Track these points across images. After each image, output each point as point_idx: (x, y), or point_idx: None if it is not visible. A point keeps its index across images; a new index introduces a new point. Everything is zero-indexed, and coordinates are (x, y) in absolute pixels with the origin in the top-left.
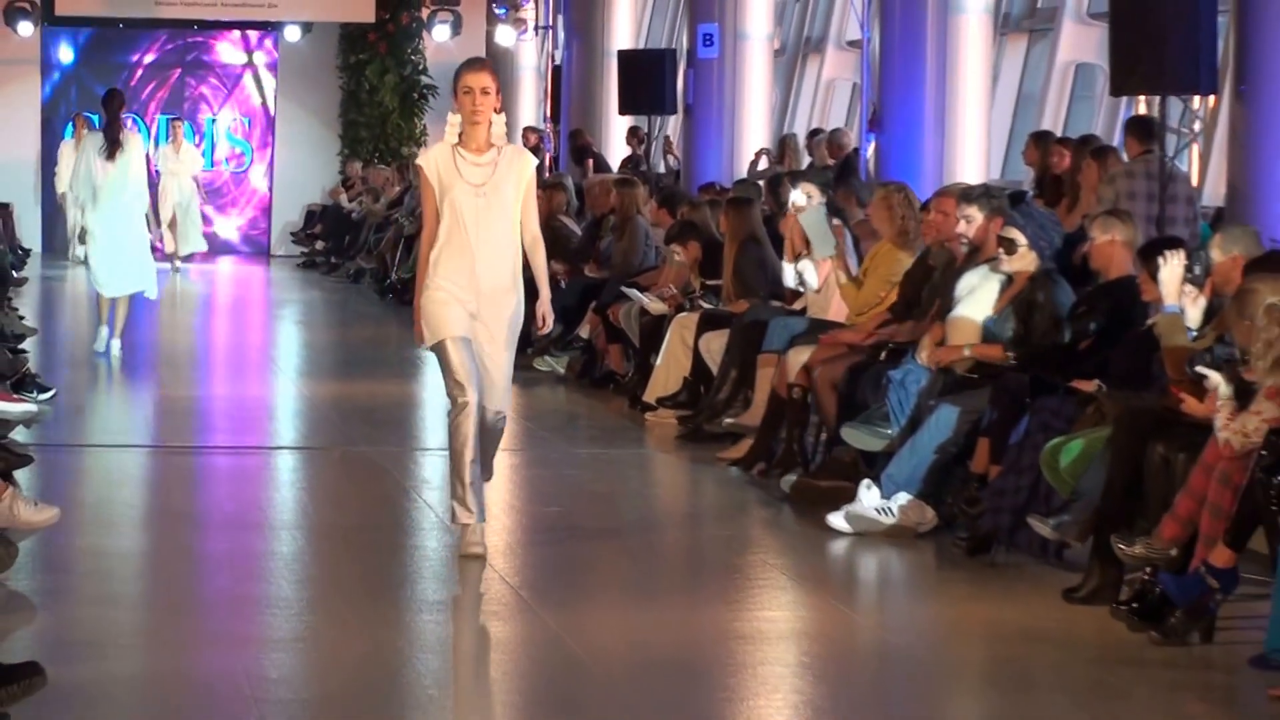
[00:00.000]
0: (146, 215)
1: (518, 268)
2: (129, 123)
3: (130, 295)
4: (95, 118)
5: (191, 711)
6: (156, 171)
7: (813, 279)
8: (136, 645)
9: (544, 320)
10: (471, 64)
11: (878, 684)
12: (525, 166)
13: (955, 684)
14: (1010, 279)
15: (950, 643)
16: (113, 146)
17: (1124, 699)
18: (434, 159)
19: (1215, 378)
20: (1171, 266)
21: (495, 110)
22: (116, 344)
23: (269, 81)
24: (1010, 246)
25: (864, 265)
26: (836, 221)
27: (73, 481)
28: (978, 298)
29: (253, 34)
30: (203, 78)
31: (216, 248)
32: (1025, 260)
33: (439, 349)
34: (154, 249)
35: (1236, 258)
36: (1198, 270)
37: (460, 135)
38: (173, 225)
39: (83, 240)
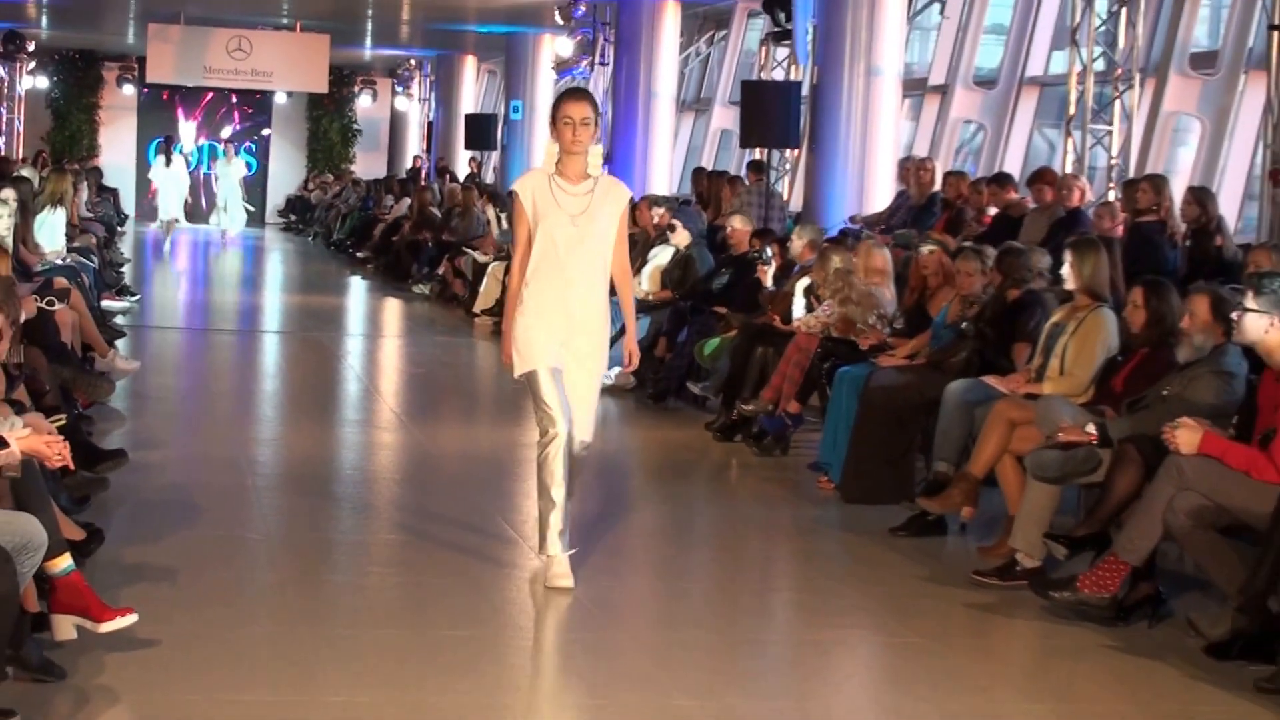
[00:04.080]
0: (186, 199)
1: (607, 298)
2: (173, 149)
3: (174, 221)
4: (154, 145)
5: (214, 476)
6: (208, 173)
7: None
8: (183, 439)
9: (630, 358)
10: (572, 94)
11: (597, 473)
12: (621, 197)
13: (640, 474)
14: (677, 249)
15: (638, 452)
16: (168, 161)
17: (734, 482)
18: (530, 186)
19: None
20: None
21: (594, 140)
22: (168, 246)
23: (268, 124)
24: (677, 230)
25: None
26: None
27: (149, 347)
28: (660, 258)
29: (258, 98)
30: (233, 119)
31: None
32: (685, 237)
33: (530, 379)
34: (186, 214)
35: (810, 241)
36: (768, 254)
37: (557, 164)
38: (225, 208)
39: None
